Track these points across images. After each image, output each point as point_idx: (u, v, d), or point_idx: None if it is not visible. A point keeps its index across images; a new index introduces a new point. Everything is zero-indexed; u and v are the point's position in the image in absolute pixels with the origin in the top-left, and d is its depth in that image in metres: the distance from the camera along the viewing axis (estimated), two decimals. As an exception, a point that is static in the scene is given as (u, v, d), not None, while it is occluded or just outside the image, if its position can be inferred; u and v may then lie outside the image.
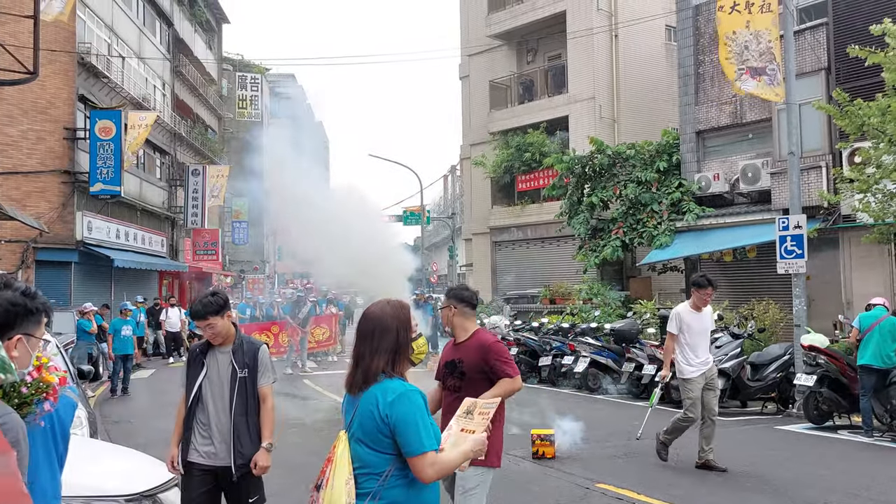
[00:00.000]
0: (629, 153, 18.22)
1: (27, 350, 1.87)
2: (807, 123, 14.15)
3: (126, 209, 23.05)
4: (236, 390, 4.00)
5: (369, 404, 2.47)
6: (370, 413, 2.46)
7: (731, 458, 7.93)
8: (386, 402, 2.44)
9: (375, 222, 11.78)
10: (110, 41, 22.50)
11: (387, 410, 2.43)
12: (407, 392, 2.48)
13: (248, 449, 3.99)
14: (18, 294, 1.88)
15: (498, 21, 24.43)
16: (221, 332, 4.05)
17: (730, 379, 10.86)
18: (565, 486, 6.81)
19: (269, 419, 4.08)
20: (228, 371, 4.04)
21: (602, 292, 17.83)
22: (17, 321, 1.85)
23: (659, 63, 22.59)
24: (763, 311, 13.87)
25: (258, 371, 4.07)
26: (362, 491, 2.46)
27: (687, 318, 7.33)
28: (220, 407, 4.02)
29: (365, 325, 2.63)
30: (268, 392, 4.10)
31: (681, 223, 17.11)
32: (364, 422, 2.47)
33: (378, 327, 2.59)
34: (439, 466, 2.44)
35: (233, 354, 4.06)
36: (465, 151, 26.99)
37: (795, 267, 11.25)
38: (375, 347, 2.56)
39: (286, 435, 9.22)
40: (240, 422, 3.99)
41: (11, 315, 1.84)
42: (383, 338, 2.57)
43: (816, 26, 14.99)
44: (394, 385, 2.50)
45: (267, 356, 4.16)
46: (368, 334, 2.60)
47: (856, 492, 6.56)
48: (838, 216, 14.08)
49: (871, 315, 9.06)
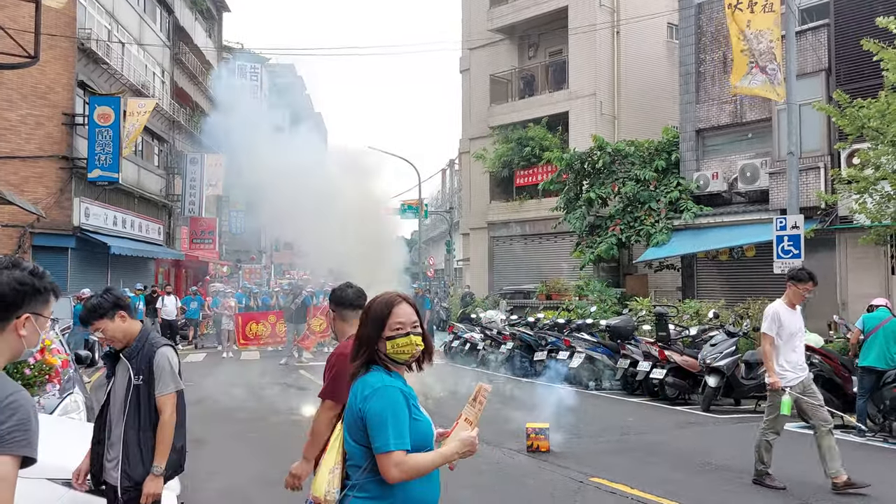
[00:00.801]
0: (629, 150, 18.24)
1: (35, 329, 1.89)
2: (806, 124, 14.19)
3: (123, 196, 23.01)
4: (129, 400, 3.56)
5: (353, 395, 2.47)
6: (350, 406, 2.47)
7: (726, 454, 7.99)
8: (362, 397, 2.42)
9: (370, 207, 11.69)
10: (110, 27, 22.42)
11: (360, 405, 2.41)
12: (384, 388, 2.42)
13: (136, 469, 3.53)
14: (26, 273, 1.90)
15: (500, 15, 24.40)
16: (116, 335, 3.61)
17: (724, 377, 10.91)
18: (560, 480, 6.85)
19: (164, 437, 3.56)
20: (125, 378, 3.61)
21: (598, 289, 17.88)
22: (25, 300, 1.87)
23: (660, 61, 22.59)
24: (758, 310, 13.90)
25: (154, 378, 3.58)
26: (348, 482, 2.46)
27: (785, 316, 6.64)
28: (116, 419, 3.61)
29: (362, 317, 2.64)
30: (165, 403, 3.58)
31: (678, 221, 17.16)
32: (347, 414, 2.48)
33: (363, 319, 2.59)
34: (407, 467, 2.36)
35: (128, 360, 3.61)
36: (464, 145, 26.98)
37: (792, 267, 11.29)
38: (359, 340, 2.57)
39: (283, 426, 9.27)
40: (130, 437, 3.54)
41: (20, 294, 1.86)
42: (362, 330, 2.57)
43: (818, 27, 15.01)
44: (372, 380, 2.45)
45: (166, 360, 3.61)
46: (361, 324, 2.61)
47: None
48: (835, 217, 14.14)
49: (875, 316, 9.02)
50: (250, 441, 8.60)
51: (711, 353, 11.08)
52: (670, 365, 11.49)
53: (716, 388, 10.88)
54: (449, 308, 25.73)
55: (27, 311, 1.87)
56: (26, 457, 1.69)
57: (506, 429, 8.63)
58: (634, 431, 9.38)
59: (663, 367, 11.55)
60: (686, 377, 11.53)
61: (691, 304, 14.82)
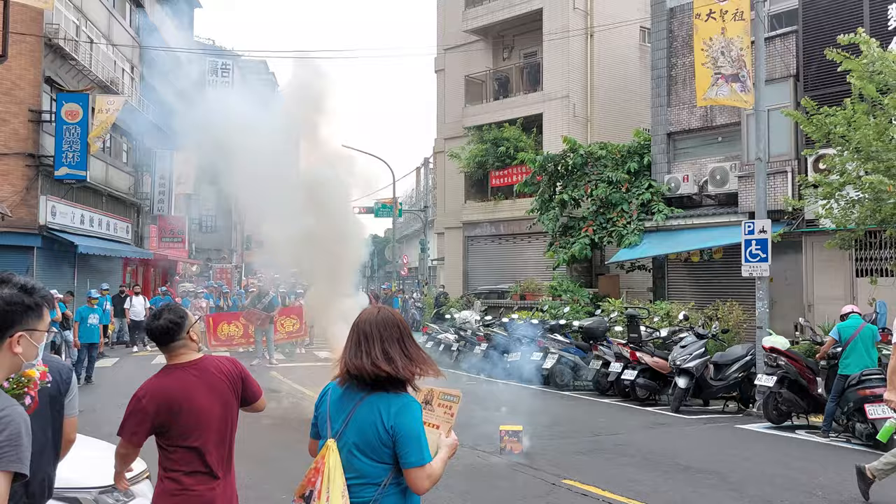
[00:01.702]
0: (601, 153, 18.42)
1: (31, 344, 1.88)
2: (774, 129, 14.45)
3: (91, 194, 22.62)
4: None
5: (371, 414, 2.45)
6: (372, 424, 2.44)
7: (694, 455, 8.13)
8: (390, 413, 2.44)
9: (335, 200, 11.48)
10: (79, 23, 22.01)
11: (391, 422, 2.42)
12: (410, 402, 2.49)
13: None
14: (16, 291, 1.88)
15: (475, 16, 24.45)
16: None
17: (693, 378, 11.09)
18: (532, 482, 6.91)
19: None
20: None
21: (571, 289, 18.03)
22: (16, 319, 1.85)
23: (633, 64, 22.83)
24: (727, 312, 14.16)
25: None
26: (358, 500, 2.44)
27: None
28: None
29: (372, 328, 2.58)
30: None
31: (650, 223, 17.37)
32: (365, 432, 2.45)
33: (391, 330, 2.60)
34: (435, 477, 2.47)
35: None
36: (439, 145, 26.99)
37: (760, 270, 11.51)
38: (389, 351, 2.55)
39: (257, 429, 9.19)
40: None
41: (9, 315, 1.84)
42: (392, 342, 2.57)
43: (786, 34, 15.29)
44: (395, 396, 2.49)
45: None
46: (375, 336, 2.56)
47: (811, 490, 6.77)
48: (802, 221, 14.42)
49: (850, 325, 9.10)
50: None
51: (681, 355, 11.25)
52: (641, 366, 11.64)
53: (685, 389, 11.06)
54: (423, 308, 25.73)
55: (20, 329, 1.85)
56: (17, 472, 1.67)
57: (479, 431, 8.67)
58: (606, 432, 9.49)
59: (634, 368, 11.70)
60: (657, 378, 11.70)
61: (662, 306, 15.02)
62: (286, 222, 10.77)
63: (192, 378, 3.08)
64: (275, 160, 10.64)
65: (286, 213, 10.71)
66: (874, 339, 9.01)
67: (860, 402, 8.58)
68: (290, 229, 10.61)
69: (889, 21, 13.47)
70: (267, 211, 11.44)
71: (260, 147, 10.35)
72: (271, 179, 10.64)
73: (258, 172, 10.56)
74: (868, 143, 10.11)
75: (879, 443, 8.51)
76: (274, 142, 10.65)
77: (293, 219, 10.58)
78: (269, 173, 10.59)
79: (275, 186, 10.69)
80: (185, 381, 3.06)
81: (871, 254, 13.81)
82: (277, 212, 10.96)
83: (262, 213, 11.85)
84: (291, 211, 10.59)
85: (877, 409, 8.43)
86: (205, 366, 3.16)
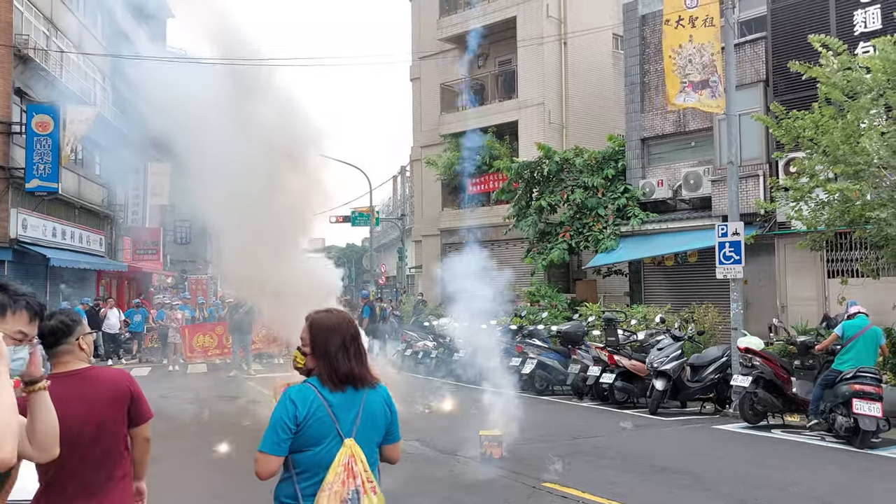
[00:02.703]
0: (577, 160, 18.57)
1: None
2: (746, 134, 14.69)
3: (63, 206, 22.30)
4: None
5: (378, 403, 2.77)
6: (382, 411, 2.77)
7: (670, 456, 8.20)
8: (389, 399, 2.81)
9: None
10: (49, 34, 21.75)
11: (392, 406, 2.81)
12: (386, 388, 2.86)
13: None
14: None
15: (449, 24, 24.58)
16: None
17: (670, 380, 11.19)
18: (512, 486, 6.92)
19: None
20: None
21: (549, 294, 18.11)
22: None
23: (606, 71, 23.08)
24: (703, 315, 14.32)
25: None
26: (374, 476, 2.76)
27: None
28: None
29: (344, 327, 2.79)
30: None
31: (625, 228, 17.53)
32: (377, 420, 2.75)
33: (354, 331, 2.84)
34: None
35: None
36: (415, 153, 27.03)
37: (733, 272, 11.66)
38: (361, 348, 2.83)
39: (235, 440, 9.10)
40: None
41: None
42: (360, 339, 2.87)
43: (756, 40, 15.57)
44: (380, 385, 2.85)
45: None
46: (348, 337, 2.79)
47: (784, 487, 6.86)
48: (774, 223, 14.65)
49: (855, 324, 9.18)
50: (202, 456, 8.43)
51: (658, 357, 11.35)
52: (619, 369, 11.71)
53: (663, 391, 11.15)
54: (401, 316, 25.67)
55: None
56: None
57: (459, 436, 8.67)
58: (585, 435, 9.54)
59: (612, 371, 11.77)
60: (634, 381, 11.77)
61: (639, 309, 15.14)
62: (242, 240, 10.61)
63: (65, 389, 2.72)
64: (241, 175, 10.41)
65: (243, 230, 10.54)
66: (877, 342, 9.11)
67: (849, 397, 8.70)
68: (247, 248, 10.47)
69: (855, 26, 13.78)
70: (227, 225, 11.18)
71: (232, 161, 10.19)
72: (233, 195, 10.42)
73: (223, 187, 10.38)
74: (835, 146, 10.31)
75: (854, 439, 8.68)
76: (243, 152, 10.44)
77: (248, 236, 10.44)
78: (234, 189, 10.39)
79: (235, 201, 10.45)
80: (56, 391, 2.53)
81: (841, 255, 14.06)
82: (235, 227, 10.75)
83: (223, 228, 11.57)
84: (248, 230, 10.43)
85: (863, 405, 8.58)
86: (87, 377, 2.85)
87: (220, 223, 11.42)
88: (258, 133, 10.43)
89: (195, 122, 10.21)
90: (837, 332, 9.34)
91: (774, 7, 15.24)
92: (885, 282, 12.18)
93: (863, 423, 8.56)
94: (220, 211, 10.85)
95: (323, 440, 2.63)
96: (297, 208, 11.22)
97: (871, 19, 13.62)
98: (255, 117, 10.52)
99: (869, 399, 8.60)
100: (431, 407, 11.51)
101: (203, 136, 10.27)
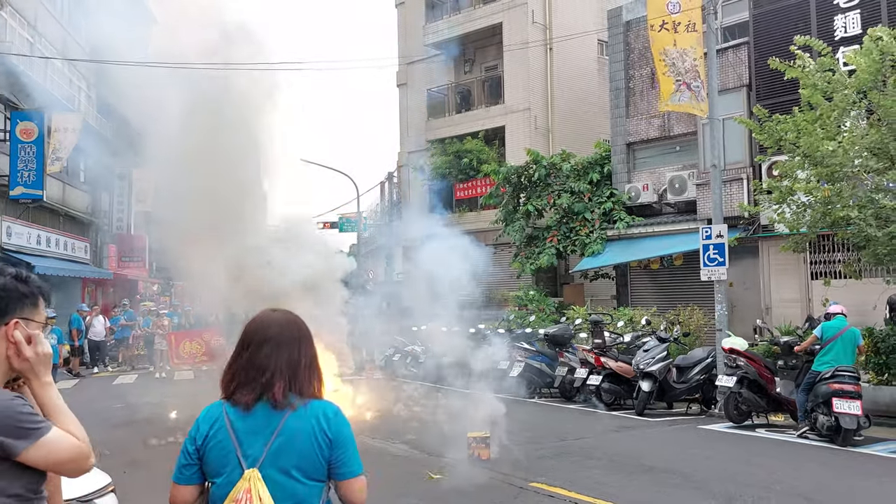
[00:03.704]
0: (563, 165, 18.70)
1: (27, 334, 1.88)
2: (729, 138, 14.88)
3: (48, 214, 22.15)
4: None
5: (305, 427, 2.18)
6: (310, 435, 2.18)
7: (658, 456, 8.27)
8: (328, 421, 2.21)
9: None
10: (32, 40, 21.64)
11: (331, 431, 2.19)
12: (339, 410, 2.28)
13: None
14: (9, 279, 1.89)
15: (435, 30, 24.69)
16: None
17: (657, 381, 11.27)
18: (500, 487, 6.96)
19: None
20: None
21: (537, 299, 18.20)
22: (10, 306, 1.85)
23: (592, 76, 23.26)
24: (688, 317, 14.45)
25: None
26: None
27: None
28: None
29: (281, 332, 2.30)
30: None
31: (612, 232, 17.65)
32: (302, 449, 2.17)
33: (301, 336, 2.33)
34: (366, 487, 2.27)
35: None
36: (402, 159, 27.07)
37: (717, 274, 11.78)
38: (300, 359, 2.29)
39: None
40: None
41: (3, 300, 1.84)
42: (306, 348, 2.32)
43: (738, 45, 15.77)
44: (324, 403, 2.26)
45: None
46: (288, 343, 2.29)
47: (770, 485, 6.94)
48: (758, 226, 14.82)
49: (833, 326, 9.28)
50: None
51: (644, 359, 11.44)
52: (606, 371, 11.79)
53: (649, 393, 11.23)
54: (389, 321, 25.64)
55: (16, 316, 1.86)
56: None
57: (447, 438, 8.69)
58: (572, 437, 9.59)
59: (599, 373, 11.85)
60: (621, 382, 11.85)
61: (625, 312, 15.25)
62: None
63: None
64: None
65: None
66: (855, 343, 9.22)
67: (829, 396, 8.81)
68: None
69: (835, 31, 14.00)
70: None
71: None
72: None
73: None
74: (815, 149, 10.46)
75: (836, 437, 8.79)
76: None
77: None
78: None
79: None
80: None
81: (824, 257, 14.24)
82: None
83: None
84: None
85: (843, 403, 8.69)
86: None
87: (165, 211, 11.00)
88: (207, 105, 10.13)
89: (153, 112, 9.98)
90: (817, 333, 9.45)
91: (756, 13, 15.45)
92: (866, 282, 12.35)
93: (844, 422, 8.67)
94: (170, 198, 10.53)
95: (223, 469, 2.19)
96: (240, 165, 10.48)
97: (850, 24, 13.84)
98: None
99: (848, 398, 8.72)
100: (419, 410, 11.52)
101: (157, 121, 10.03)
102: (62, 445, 1.90)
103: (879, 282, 11.85)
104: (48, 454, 1.87)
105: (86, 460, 1.96)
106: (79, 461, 1.95)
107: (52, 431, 1.89)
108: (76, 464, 1.95)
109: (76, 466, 1.96)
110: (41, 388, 1.96)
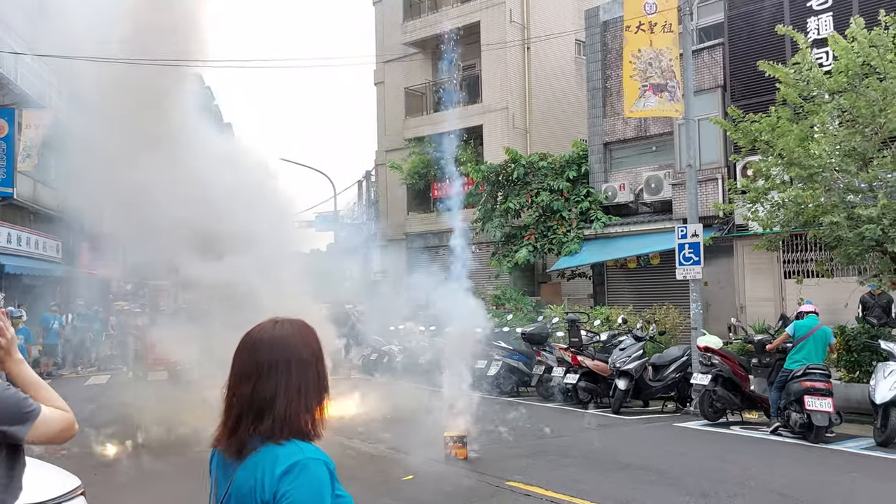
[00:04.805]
0: (541, 164, 18.75)
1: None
2: (705, 138, 14.99)
3: (18, 212, 21.74)
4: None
5: (249, 478, 1.71)
6: (250, 491, 1.70)
7: (634, 454, 8.31)
8: (272, 481, 1.68)
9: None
10: (2, 34, 21.21)
11: (275, 488, 1.67)
12: (306, 461, 1.70)
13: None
14: None
15: (413, 29, 24.62)
16: None
17: (633, 379, 11.34)
18: (477, 486, 6.95)
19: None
20: None
21: (515, 297, 18.23)
22: None
23: (569, 76, 23.35)
24: (664, 315, 14.56)
25: None
26: None
27: None
28: None
29: (259, 356, 1.79)
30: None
31: (588, 231, 17.74)
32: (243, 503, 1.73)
33: (282, 359, 1.79)
34: None
35: None
36: (380, 157, 26.98)
37: (693, 273, 11.89)
38: (277, 390, 1.76)
39: (195, 446, 8.96)
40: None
41: None
42: (291, 374, 1.78)
43: (713, 46, 15.92)
44: (280, 452, 1.71)
45: None
46: (265, 368, 1.78)
47: (744, 481, 7.01)
48: (732, 225, 14.97)
49: (805, 324, 9.39)
50: (161, 462, 8.28)
51: (621, 357, 11.50)
52: (583, 369, 11.84)
53: (625, 391, 11.30)
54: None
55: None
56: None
57: (424, 438, 8.66)
58: (549, 435, 9.61)
59: (576, 371, 11.89)
60: (598, 381, 11.91)
61: (602, 311, 15.33)
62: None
63: None
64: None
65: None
66: (826, 341, 9.34)
67: (801, 394, 8.92)
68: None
69: (808, 33, 14.17)
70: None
71: None
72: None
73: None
74: (790, 149, 10.58)
75: (808, 434, 8.91)
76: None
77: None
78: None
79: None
80: None
81: (797, 256, 14.43)
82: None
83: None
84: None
85: (815, 401, 8.80)
86: None
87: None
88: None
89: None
90: (789, 331, 9.56)
91: (731, 14, 15.61)
92: (838, 281, 12.53)
93: (815, 419, 8.79)
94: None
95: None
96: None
97: (823, 26, 14.03)
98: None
99: (820, 395, 8.83)
100: (396, 410, 11.48)
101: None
102: (55, 420, 2.08)
103: (851, 280, 12.03)
104: (45, 431, 2.05)
105: (73, 428, 2.15)
106: (69, 430, 2.15)
107: (44, 409, 2.05)
108: (67, 433, 2.15)
109: (67, 435, 2.16)
110: (16, 366, 2.10)
